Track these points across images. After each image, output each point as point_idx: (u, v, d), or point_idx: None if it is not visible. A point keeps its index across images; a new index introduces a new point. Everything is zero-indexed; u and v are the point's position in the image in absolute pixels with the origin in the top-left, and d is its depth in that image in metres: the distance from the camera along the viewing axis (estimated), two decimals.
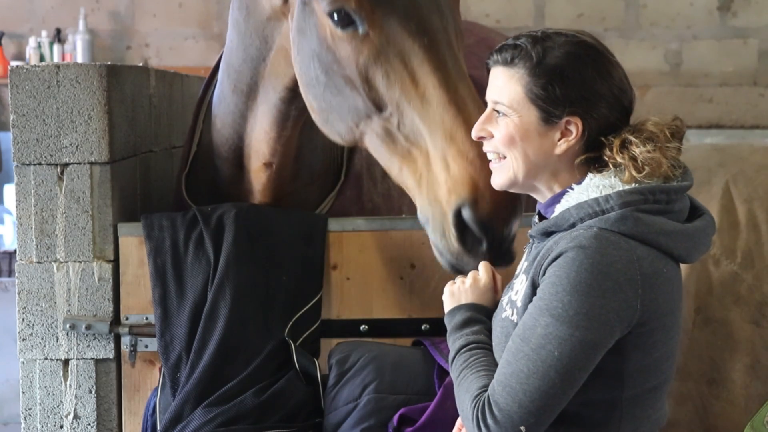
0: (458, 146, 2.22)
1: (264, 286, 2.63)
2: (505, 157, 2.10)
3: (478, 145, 2.18)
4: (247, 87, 2.68)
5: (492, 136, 2.10)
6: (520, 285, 2.09)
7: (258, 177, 2.75)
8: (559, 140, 2.05)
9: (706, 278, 2.71)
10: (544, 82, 2.03)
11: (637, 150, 2.00)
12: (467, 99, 2.28)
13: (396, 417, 2.43)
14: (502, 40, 4.24)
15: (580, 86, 2.03)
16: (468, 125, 2.20)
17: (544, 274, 1.98)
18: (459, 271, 2.29)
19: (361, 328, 2.72)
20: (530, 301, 2.01)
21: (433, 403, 2.41)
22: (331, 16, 2.32)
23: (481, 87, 3.51)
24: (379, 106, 2.33)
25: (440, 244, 2.29)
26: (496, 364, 2.05)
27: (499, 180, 2.13)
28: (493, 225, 2.20)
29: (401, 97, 2.29)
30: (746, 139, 6.77)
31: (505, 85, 2.08)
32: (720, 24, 7.09)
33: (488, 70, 2.15)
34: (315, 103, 2.46)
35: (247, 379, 2.54)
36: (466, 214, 2.20)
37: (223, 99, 2.77)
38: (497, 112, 2.09)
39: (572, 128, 2.04)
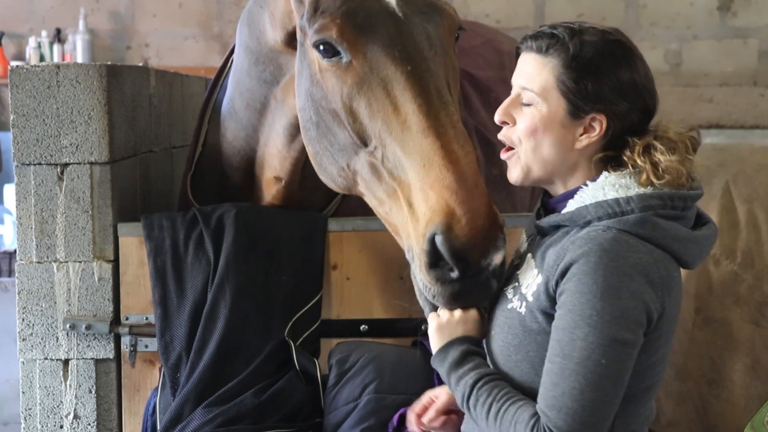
0: (435, 173, 2.12)
1: (264, 286, 2.63)
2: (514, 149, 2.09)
3: (457, 169, 2.11)
4: (261, 105, 2.68)
5: (514, 123, 2.10)
6: (531, 279, 2.06)
7: (269, 188, 2.76)
8: (581, 135, 2.05)
9: (706, 278, 2.71)
10: (577, 76, 2.02)
11: (662, 157, 2.00)
12: (447, 126, 2.17)
13: (396, 417, 2.43)
14: (509, 42, 4.22)
15: (612, 85, 2.02)
16: (446, 152, 2.13)
17: (562, 277, 1.96)
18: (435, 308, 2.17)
19: (361, 328, 2.72)
20: (546, 298, 1.99)
21: None
22: (317, 47, 2.30)
23: (486, 88, 3.51)
24: (364, 140, 2.28)
25: (418, 280, 2.18)
26: (518, 388, 2.02)
27: (513, 173, 2.12)
28: (468, 253, 2.06)
29: (383, 126, 2.23)
30: (746, 139, 6.78)
31: (537, 73, 2.06)
32: (720, 24, 7.08)
33: (517, 54, 2.12)
34: (310, 146, 2.44)
35: (247, 379, 2.54)
36: (439, 240, 2.07)
37: (234, 114, 2.78)
38: (523, 101, 2.08)
39: (596, 125, 2.04)
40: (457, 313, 2.14)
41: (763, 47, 7.09)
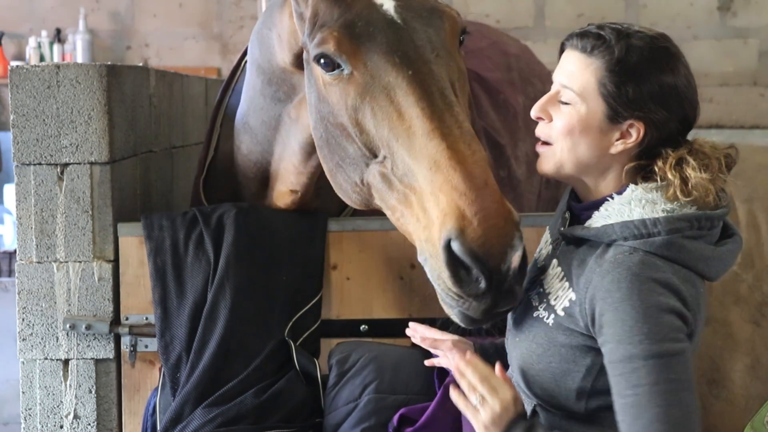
0: (444, 175, 2.08)
1: (264, 286, 2.63)
2: (551, 144, 2.07)
3: (465, 169, 2.07)
4: (275, 122, 2.68)
5: (551, 119, 2.08)
6: (561, 292, 2.04)
7: (283, 198, 2.76)
8: (617, 140, 2.03)
9: None
10: (620, 80, 2.00)
11: (693, 173, 1.97)
12: (453, 127, 2.14)
13: (396, 417, 2.44)
14: (515, 44, 4.21)
15: (653, 93, 2.00)
16: (453, 152, 2.10)
17: (593, 303, 1.94)
18: (469, 318, 2.09)
19: (361, 328, 2.72)
20: (581, 318, 1.97)
21: (433, 403, 2.41)
22: (318, 62, 2.29)
23: (495, 90, 3.50)
24: (373, 151, 2.27)
25: (439, 289, 2.13)
26: (539, 397, 2.00)
27: (545, 166, 2.11)
28: (487, 255, 2.00)
29: (389, 134, 2.21)
30: (746, 139, 6.77)
31: (579, 73, 2.04)
32: (720, 24, 7.08)
33: (561, 51, 2.10)
34: (324, 164, 2.44)
35: (247, 379, 2.54)
36: (455, 246, 2.02)
37: (249, 129, 2.77)
38: (561, 99, 2.07)
39: (633, 132, 2.02)
40: (497, 407, 2.01)
41: (763, 47, 7.09)
